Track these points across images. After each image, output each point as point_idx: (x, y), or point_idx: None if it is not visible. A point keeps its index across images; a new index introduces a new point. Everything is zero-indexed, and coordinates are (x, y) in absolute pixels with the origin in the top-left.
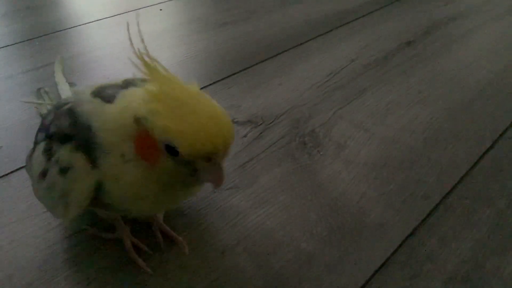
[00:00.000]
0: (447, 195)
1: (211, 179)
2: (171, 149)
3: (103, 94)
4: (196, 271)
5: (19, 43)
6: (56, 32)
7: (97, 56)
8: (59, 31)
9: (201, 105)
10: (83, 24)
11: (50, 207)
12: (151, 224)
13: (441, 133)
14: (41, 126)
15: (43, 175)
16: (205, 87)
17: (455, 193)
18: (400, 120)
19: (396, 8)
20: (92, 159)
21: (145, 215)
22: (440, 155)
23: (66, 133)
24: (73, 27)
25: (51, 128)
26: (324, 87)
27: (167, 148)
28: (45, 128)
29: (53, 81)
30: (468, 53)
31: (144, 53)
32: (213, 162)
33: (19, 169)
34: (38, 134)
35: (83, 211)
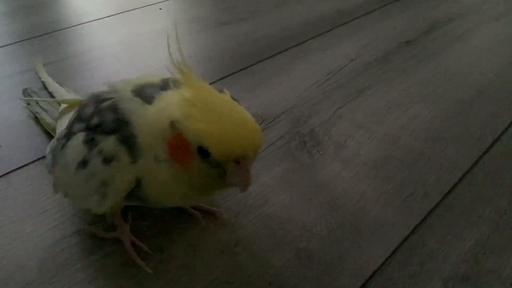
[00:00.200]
0: (447, 194)
1: (238, 181)
2: (203, 151)
3: (143, 94)
4: (196, 271)
5: (19, 42)
6: (56, 31)
7: (97, 55)
8: (59, 30)
9: (232, 111)
10: (83, 23)
11: (83, 196)
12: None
13: (441, 133)
14: (78, 117)
15: (83, 163)
16: None
17: (455, 192)
18: (400, 120)
19: (396, 8)
20: (132, 154)
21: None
22: (440, 154)
23: (110, 126)
24: (73, 26)
25: (93, 120)
26: (324, 86)
27: (199, 150)
28: (84, 120)
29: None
30: (468, 53)
31: (181, 62)
32: (241, 165)
33: (19, 168)
34: (74, 125)
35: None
